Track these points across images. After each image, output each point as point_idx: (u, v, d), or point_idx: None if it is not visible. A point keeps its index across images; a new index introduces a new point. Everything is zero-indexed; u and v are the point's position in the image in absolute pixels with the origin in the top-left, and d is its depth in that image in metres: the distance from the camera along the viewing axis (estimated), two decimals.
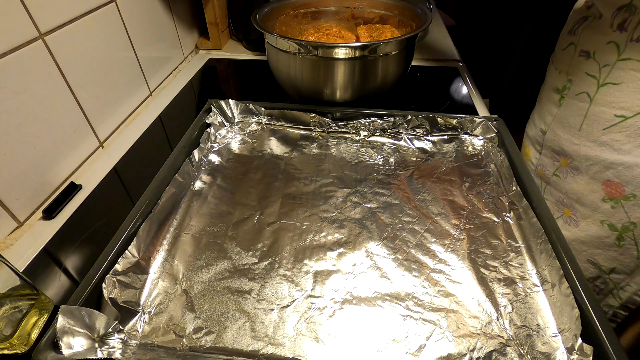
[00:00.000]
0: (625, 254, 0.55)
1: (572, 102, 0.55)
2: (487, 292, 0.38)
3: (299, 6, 0.73)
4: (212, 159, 0.54)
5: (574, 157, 0.55)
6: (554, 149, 0.59)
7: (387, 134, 0.58)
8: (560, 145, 0.57)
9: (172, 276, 0.39)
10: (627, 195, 0.51)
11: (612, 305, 0.62)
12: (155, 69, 0.74)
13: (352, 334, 0.35)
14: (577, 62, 0.53)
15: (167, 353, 0.33)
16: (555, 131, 0.58)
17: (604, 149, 0.51)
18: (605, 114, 0.50)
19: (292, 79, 0.63)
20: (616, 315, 0.62)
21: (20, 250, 0.43)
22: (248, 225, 0.45)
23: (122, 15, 0.62)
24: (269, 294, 0.38)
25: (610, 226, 0.54)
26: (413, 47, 0.63)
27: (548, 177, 0.61)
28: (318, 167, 0.53)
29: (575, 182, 0.56)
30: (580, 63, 0.53)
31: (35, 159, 0.47)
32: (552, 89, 0.59)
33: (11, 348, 0.32)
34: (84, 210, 0.48)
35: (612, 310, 0.62)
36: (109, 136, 0.61)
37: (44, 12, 0.47)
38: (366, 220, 0.45)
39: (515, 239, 0.43)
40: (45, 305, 0.36)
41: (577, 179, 0.56)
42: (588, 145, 0.53)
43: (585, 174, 0.55)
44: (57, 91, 0.50)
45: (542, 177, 0.63)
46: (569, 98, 0.55)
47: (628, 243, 0.54)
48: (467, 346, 0.34)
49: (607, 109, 0.50)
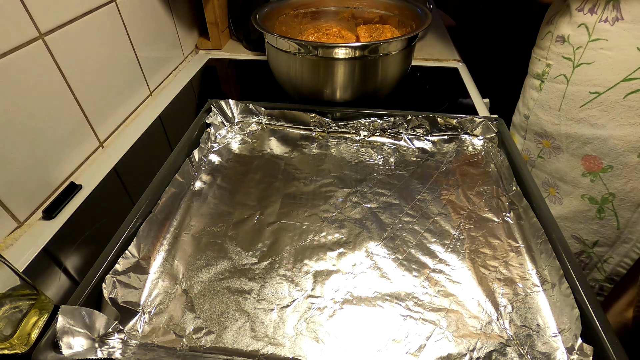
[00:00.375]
0: (606, 225, 0.58)
1: (551, 85, 0.58)
2: (487, 292, 0.38)
3: (299, 6, 0.73)
4: (212, 159, 0.54)
5: (555, 137, 0.58)
6: (536, 132, 0.62)
7: (387, 134, 0.58)
8: (543, 127, 0.60)
9: (172, 276, 0.39)
10: (604, 167, 0.55)
11: (597, 279, 0.64)
12: (155, 69, 0.74)
13: (352, 334, 0.35)
14: (554, 47, 0.57)
15: (167, 353, 0.33)
16: (537, 114, 0.61)
17: (581, 125, 0.55)
18: (581, 92, 0.54)
19: (292, 79, 0.63)
20: (602, 288, 0.64)
21: (20, 250, 0.43)
22: (248, 225, 0.45)
23: (122, 15, 0.62)
24: (269, 294, 0.38)
25: (591, 199, 0.57)
26: (413, 47, 0.63)
27: (533, 160, 0.64)
28: (318, 167, 0.53)
29: (557, 161, 0.59)
30: (557, 48, 0.56)
31: (35, 159, 0.47)
32: (532, 75, 0.62)
33: (11, 348, 0.32)
34: (84, 210, 0.48)
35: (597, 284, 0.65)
36: (109, 136, 0.61)
37: (44, 12, 0.47)
38: (366, 220, 0.45)
39: (515, 239, 0.43)
40: (45, 305, 0.36)
41: (559, 157, 0.59)
42: (567, 123, 0.56)
43: (566, 152, 0.58)
44: (57, 91, 0.50)
45: (527, 161, 0.66)
46: (548, 82, 0.58)
47: (608, 215, 0.57)
48: (467, 346, 0.34)
49: (583, 87, 0.53)
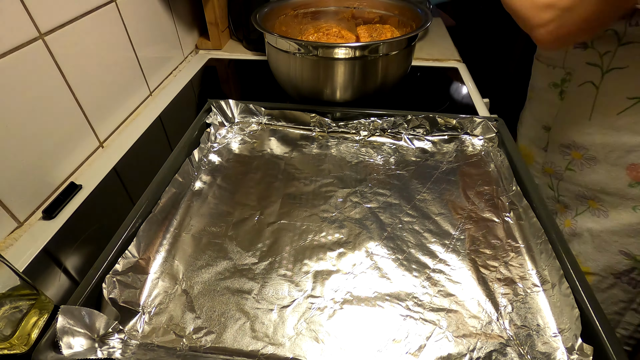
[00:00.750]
0: None
1: (575, 94, 0.55)
2: (487, 292, 0.38)
3: (299, 6, 0.73)
4: (212, 159, 0.54)
5: (589, 147, 0.55)
6: (562, 144, 0.58)
7: (387, 134, 0.58)
8: (571, 138, 0.56)
9: (172, 276, 0.39)
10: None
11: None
12: (155, 69, 0.74)
13: (352, 334, 0.35)
14: (573, 54, 0.54)
15: (167, 353, 0.33)
16: (562, 125, 0.58)
17: (621, 133, 0.51)
18: (616, 98, 0.51)
19: (292, 79, 0.63)
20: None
21: (20, 250, 0.43)
22: (248, 225, 0.45)
23: (122, 15, 0.62)
24: (269, 294, 0.38)
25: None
26: (413, 47, 0.63)
27: (560, 172, 0.60)
28: (318, 167, 0.53)
29: (594, 172, 0.56)
30: (578, 55, 0.53)
31: (35, 159, 0.47)
32: (547, 85, 0.59)
33: (11, 348, 0.32)
34: (84, 210, 0.48)
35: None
36: (109, 136, 0.61)
37: (44, 12, 0.47)
38: (366, 220, 0.45)
39: (515, 239, 0.43)
40: (45, 305, 0.36)
41: (596, 168, 0.55)
42: (603, 132, 0.53)
43: (605, 162, 0.54)
44: (57, 91, 0.50)
45: (552, 174, 0.62)
46: (571, 90, 0.55)
47: None
48: (467, 346, 0.34)
49: (618, 93, 0.50)
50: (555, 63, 0.57)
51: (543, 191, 0.64)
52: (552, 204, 0.64)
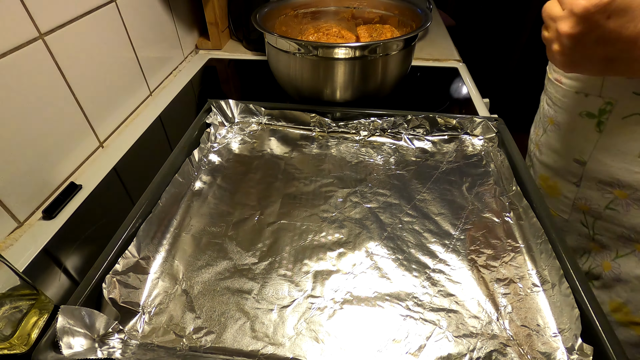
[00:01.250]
0: None
1: (619, 127, 0.48)
2: (487, 292, 0.38)
3: (299, 6, 0.73)
4: (212, 159, 0.54)
5: (637, 188, 0.48)
6: (602, 180, 0.51)
7: (387, 134, 0.58)
8: (613, 176, 0.50)
9: (172, 276, 0.39)
10: None
11: None
12: (155, 69, 0.74)
13: (352, 334, 0.35)
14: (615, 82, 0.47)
15: (167, 353, 0.33)
16: (601, 160, 0.50)
17: None
18: None
19: (292, 79, 0.63)
20: None
21: (20, 250, 0.43)
22: (248, 225, 0.45)
23: (122, 15, 0.62)
24: (269, 294, 0.38)
25: None
26: (413, 47, 0.63)
27: (598, 211, 0.53)
28: (318, 167, 0.53)
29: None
30: (621, 82, 0.46)
31: (35, 159, 0.47)
32: (578, 114, 0.52)
33: (11, 348, 0.32)
34: (84, 210, 0.48)
35: None
36: (109, 136, 0.61)
37: (44, 12, 0.47)
38: (366, 220, 0.45)
39: (515, 239, 0.43)
40: (45, 305, 0.36)
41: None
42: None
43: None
44: (57, 91, 0.50)
45: (587, 211, 0.55)
46: (613, 123, 0.48)
47: None
48: (467, 346, 0.34)
49: None
50: (590, 91, 0.50)
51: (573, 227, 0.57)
52: (585, 242, 0.57)
